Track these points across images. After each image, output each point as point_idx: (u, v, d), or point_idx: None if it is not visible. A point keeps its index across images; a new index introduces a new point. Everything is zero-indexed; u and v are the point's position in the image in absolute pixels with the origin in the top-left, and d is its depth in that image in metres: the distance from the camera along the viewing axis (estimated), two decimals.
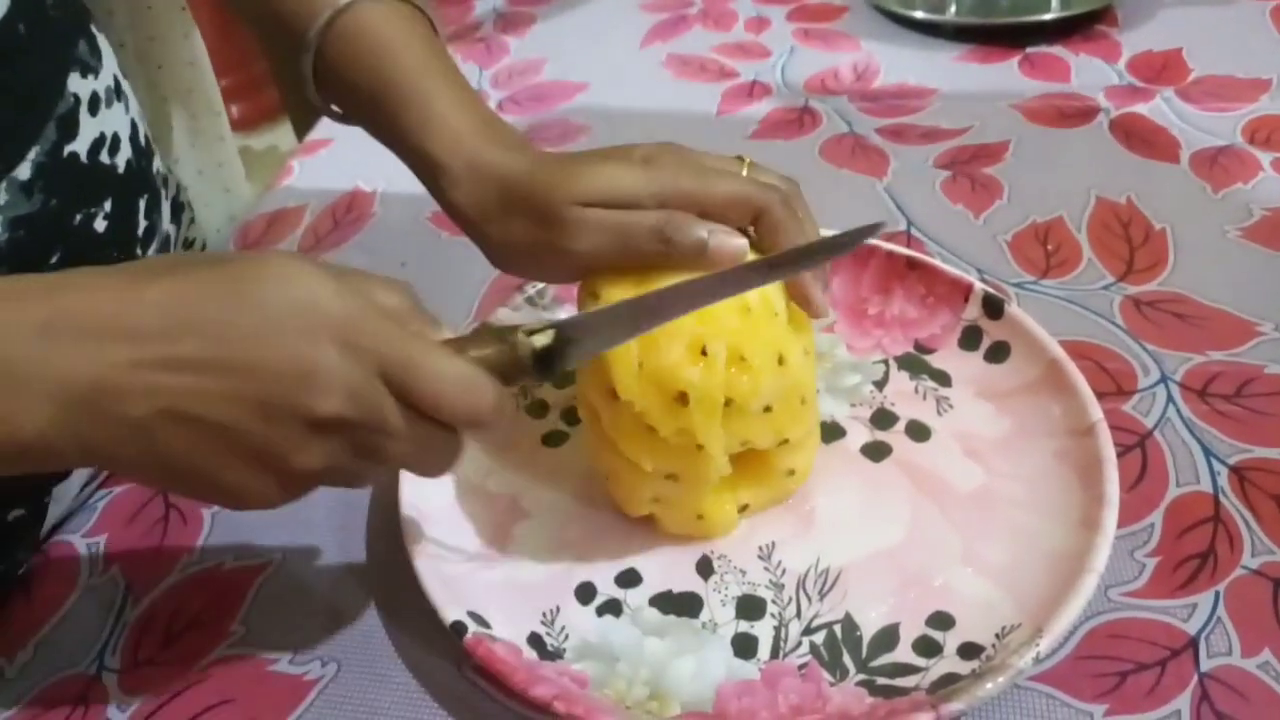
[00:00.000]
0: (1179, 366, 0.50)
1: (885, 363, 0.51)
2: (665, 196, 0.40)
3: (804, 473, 0.44)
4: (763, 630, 0.41)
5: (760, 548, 0.44)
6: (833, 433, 0.48)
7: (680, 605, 0.42)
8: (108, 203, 0.47)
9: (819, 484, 0.46)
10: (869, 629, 0.40)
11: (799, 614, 0.41)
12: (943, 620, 0.40)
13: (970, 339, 0.51)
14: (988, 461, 0.46)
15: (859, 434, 0.48)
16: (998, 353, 0.50)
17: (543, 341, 0.36)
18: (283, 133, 2.13)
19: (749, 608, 0.42)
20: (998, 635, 0.38)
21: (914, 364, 0.51)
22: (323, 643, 0.43)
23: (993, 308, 0.50)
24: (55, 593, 0.47)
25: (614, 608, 0.42)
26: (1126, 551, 0.42)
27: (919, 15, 0.84)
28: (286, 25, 0.46)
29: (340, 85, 0.46)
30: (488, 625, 0.40)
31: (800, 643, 0.40)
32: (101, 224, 0.47)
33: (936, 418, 0.48)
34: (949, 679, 0.37)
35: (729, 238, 0.39)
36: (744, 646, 0.41)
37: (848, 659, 0.39)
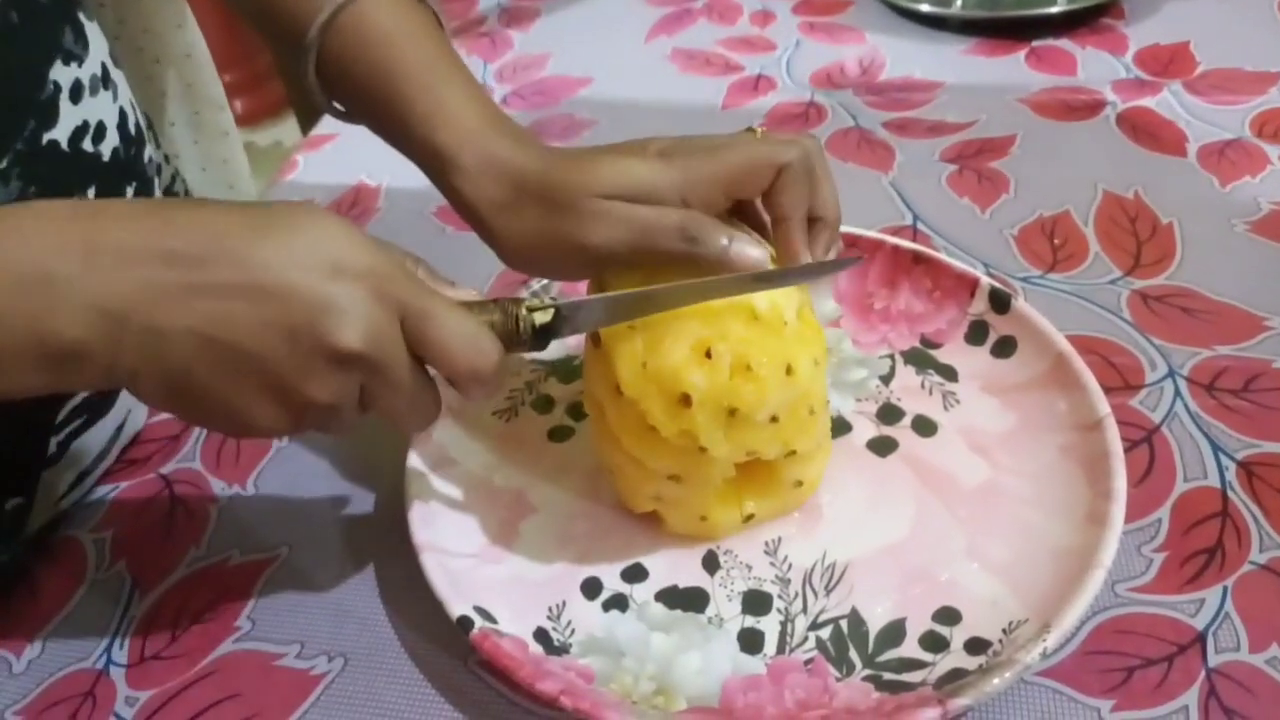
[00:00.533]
0: (1186, 361, 0.50)
1: (891, 357, 0.51)
2: (685, 185, 0.39)
3: (812, 484, 0.44)
4: (769, 625, 0.41)
5: (766, 543, 0.44)
6: (839, 428, 0.48)
7: (686, 600, 0.42)
8: (91, 190, 0.47)
9: (825, 479, 0.45)
10: (875, 624, 0.40)
11: (805, 609, 0.41)
12: (949, 615, 0.40)
13: (977, 334, 0.51)
14: (994, 456, 0.46)
15: (865, 429, 0.48)
16: (1004, 347, 0.49)
17: (543, 319, 0.38)
18: (287, 128, 2.13)
19: (755, 603, 0.42)
20: (1004, 630, 0.38)
21: (920, 359, 0.51)
22: (329, 637, 0.43)
23: (999, 302, 0.50)
24: (62, 588, 0.47)
25: (620, 603, 0.42)
26: (1134, 547, 0.42)
27: (925, 8, 0.83)
28: (287, 22, 0.46)
29: (344, 80, 0.46)
30: (494, 620, 0.40)
31: (806, 638, 0.40)
32: None
33: (943, 413, 0.48)
34: (956, 674, 0.37)
35: (749, 246, 0.39)
36: (750, 641, 0.41)
37: (854, 654, 0.39)
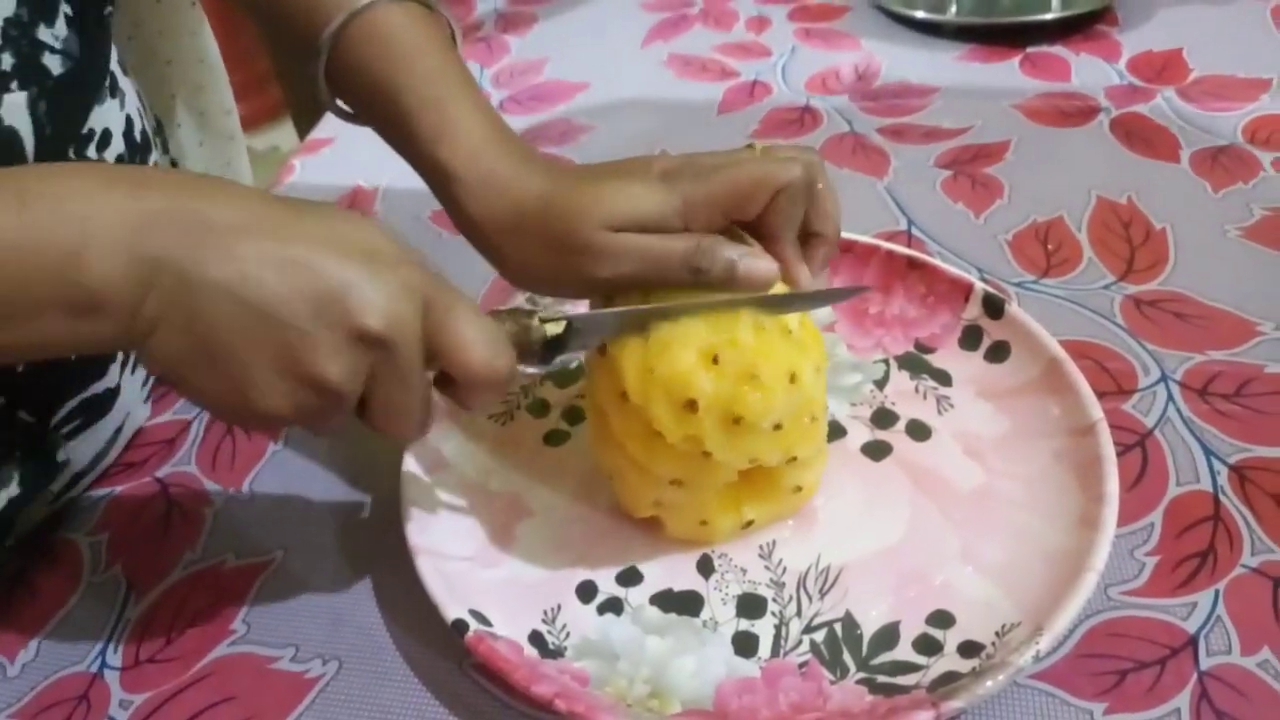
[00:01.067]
0: (1179, 366, 0.50)
1: (886, 362, 0.52)
2: (690, 210, 0.39)
3: (811, 489, 0.44)
4: (763, 628, 0.41)
5: (761, 546, 0.44)
6: (833, 432, 0.48)
7: (681, 604, 0.42)
8: None
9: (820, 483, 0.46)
10: (869, 627, 0.40)
11: (799, 612, 0.41)
12: (943, 619, 0.40)
13: (971, 338, 0.51)
14: (988, 461, 0.46)
15: (860, 433, 0.48)
16: (998, 352, 0.50)
17: (554, 330, 0.39)
18: (285, 133, 2.13)
19: (750, 606, 0.42)
20: (998, 634, 0.39)
21: (914, 363, 0.51)
22: (324, 641, 0.43)
23: (993, 307, 0.50)
24: (57, 590, 0.47)
25: (615, 606, 0.43)
26: (1126, 550, 0.42)
27: (920, 15, 0.84)
28: (300, 26, 0.46)
29: (353, 89, 0.46)
30: (489, 623, 0.40)
31: (801, 641, 0.40)
32: None
33: (937, 417, 0.48)
34: (949, 677, 0.37)
35: (757, 261, 0.39)
36: (744, 645, 0.41)
37: (848, 657, 0.40)
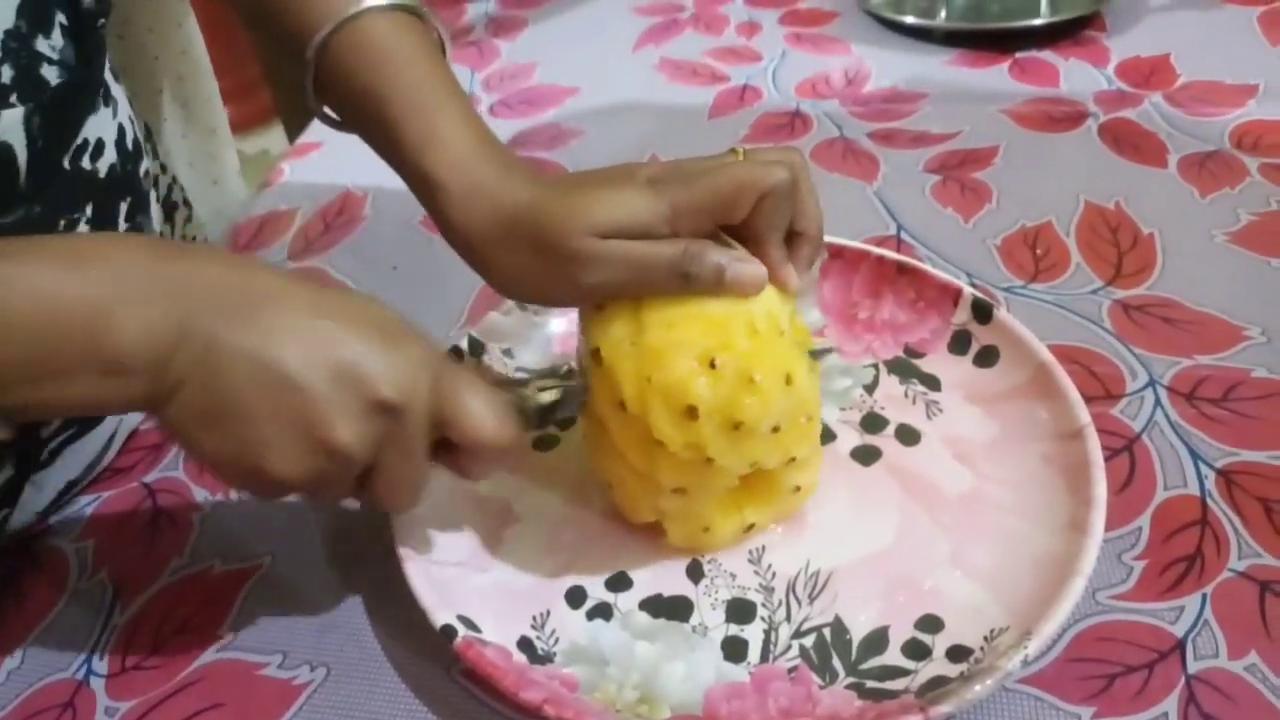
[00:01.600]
0: (1167, 370, 0.50)
1: (875, 367, 0.52)
2: (677, 217, 0.39)
3: (809, 489, 0.44)
4: (753, 634, 0.41)
5: (750, 551, 0.44)
6: (823, 437, 0.48)
7: (670, 609, 0.42)
8: (89, 207, 0.47)
9: None
10: (858, 632, 0.40)
11: (789, 617, 0.41)
12: (932, 623, 0.40)
13: (960, 343, 0.51)
14: (977, 465, 0.46)
15: (849, 438, 0.48)
16: (987, 357, 0.50)
17: (549, 398, 0.41)
18: (274, 136, 2.13)
19: (739, 611, 0.42)
20: (986, 638, 0.39)
21: (904, 368, 0.51)
22: (312, 647, 0.43)
23: (982, 312, 0.50)
24: (43, 597, 0.46)
25: (604, 611, 0.42)
26: (1114, 555, 0.43)
27: (909, 20, 0.84)
28: (289, 33, 0.46)
29: (341, 96, 0.46)
30: (478, 629, 0.40)
31: (790, 646, 0.40)
32: (83, 229, 0.47)
33: (926, 422, 0.49)
34: (938, 682, 0.37)
35: (746, 265, 0.39)
36: (734, 650, 0.41)
37: (837, 662, 0.40)
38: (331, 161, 0.76)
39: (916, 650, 0.39)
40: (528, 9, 0.96)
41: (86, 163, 0.47)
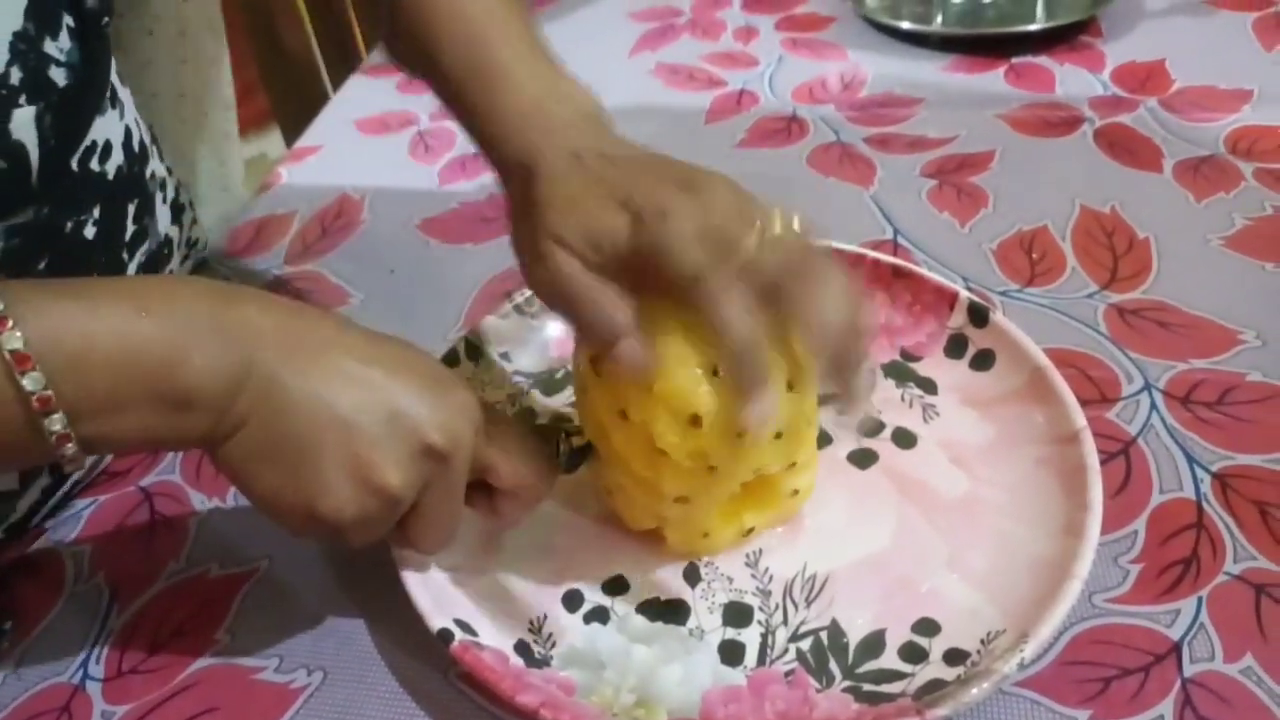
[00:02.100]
0: (1162, 374, 0.51)
1: (872, 370, 0.52)
2: (622, 263, 0.37)
3: (807, 491, 0.44)
4: (749, 637, 0.41)
5: (748, 555, 0.44)
6: (820, 440, 0.48)
7: (667, 612, 0.42)
8: (96, 209, 0.47)
9: None
10: (855, 635, 0.41)
11: (786, 621, 0.41)
12: (928, 626, 0.40)
13: (956, 347, 0.51)
14: (973, 468, 0.46)
15: (846, 441, 0.48)
16: (983, 360, 0.50)
17: (580, 442, 0.44)
18: (272, 140, 2.12)
19: (736, 615, 0.42)
20: (983, 641, 0.39)
21: (900, 371, 0.51)
22: (308, 651, 0.43)
23: (978, 316, 0.51)
24: (39, 601, 0.46)
25: (601, 615, 0.42)
26: (1110, 558, 0.43)
27: (906, 26, 0.84)
28: None
29: (421, 44, 0.45)
30: (474, 633, 0.40)
31: (787, 649, 0.40)
32: (91, 230, 0.47)
33: (922, 425, 0.49)
34: (934, 685, 0.37)
35: (630, 351, 0.37)
36: (731, 653, 0.41)
37: (834, 665, 0.40)
38: (329, 165, 0.76)
39: (913, 653, 0.39)
40: None
41: (95, 164, 0.47)
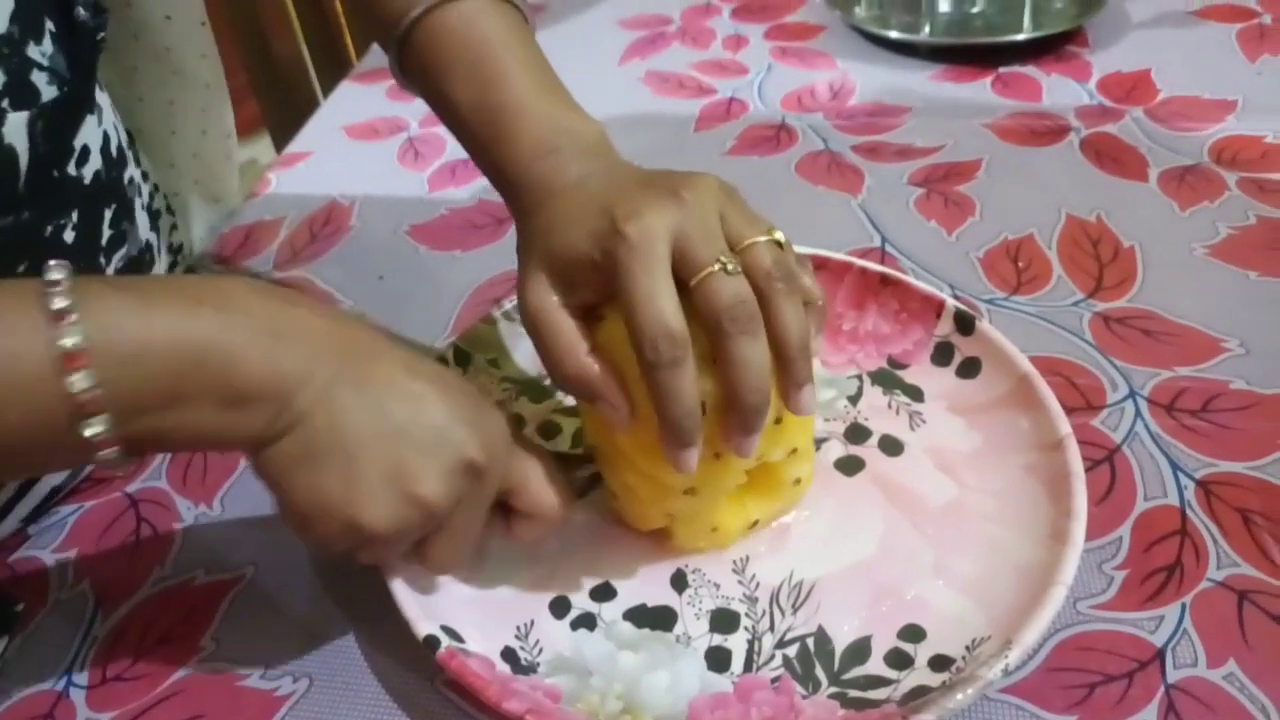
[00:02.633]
0: (1147, 382, 0.51)
1: (859, 378, 0.52)
2: (587, 286, 0.39)
3: (808, 480, 0.44)
4: (736, 643, 0.41)
5: (734, 561, 0.44)
6: None
7: (654, 619, 0.42)
8: (74, 213, 0.47)
9: None
10: (841, 642, 0.41)
11: (772, 627, 0.41)
12: (914, 633, 0.40)
13: (942, 355, 0.51)
14: (959, 475, 0.46)
15: (833, 448, 0.49)
16: (969, 368, 0.50)
17: (592, 469, 0.45)
18: (262, 146, 2.12)
19: (723, 621, 0.42)
20: (968, 647, 0.39)
21: (887, 379, 0.52)
22: (294, 657, 0.43)
23: (964, 324, 0.51)
24: (24, 608, 0.46)
25: (588, 621, 0.42)
26: (1095, 564, 0.43)
27: (894, 35, 0.85)
28: (379, 11, 0.46)
29: (431, 80, 0.45)
30: (461, 639, 0.40)
31: (773, 656, 0.40)
32: (70, 234, 0.47)
33: (909, 432, 0.49)
34: (920, 691, 0.38)
35: (612, 412, 0.39)
36: (717, 660, 0.41)
37: (820, 671, 0.40)
38: (318, 171, 0.76)
39: (899, 660, 0.40)
40: None
41: (73, 169, 0.47)
